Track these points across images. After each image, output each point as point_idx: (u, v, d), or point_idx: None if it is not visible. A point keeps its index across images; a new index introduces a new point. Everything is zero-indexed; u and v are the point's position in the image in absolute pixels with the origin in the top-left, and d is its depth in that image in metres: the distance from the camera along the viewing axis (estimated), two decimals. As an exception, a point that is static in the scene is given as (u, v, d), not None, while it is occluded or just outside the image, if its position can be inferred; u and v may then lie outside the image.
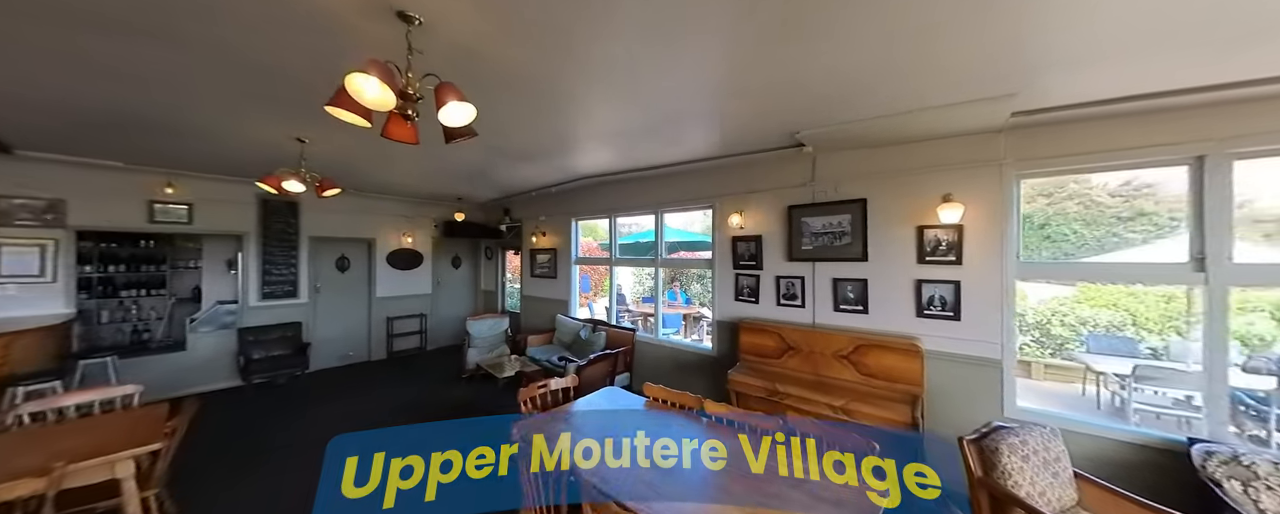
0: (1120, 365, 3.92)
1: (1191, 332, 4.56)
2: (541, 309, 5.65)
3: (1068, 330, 5.47)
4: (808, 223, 3.24)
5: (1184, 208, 2.10)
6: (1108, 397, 4.08)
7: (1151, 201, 6.80)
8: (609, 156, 3.74)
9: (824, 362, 2.81)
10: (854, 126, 2.55)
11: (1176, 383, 3.45)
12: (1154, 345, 4.94)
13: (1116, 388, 3.86)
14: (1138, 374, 3.52)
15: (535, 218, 5.79)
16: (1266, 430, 2.99)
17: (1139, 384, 3.54)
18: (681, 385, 4.19)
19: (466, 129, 1.62)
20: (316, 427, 3.63)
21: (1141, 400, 3.52)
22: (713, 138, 3.04)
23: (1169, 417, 3.52)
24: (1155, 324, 5.13)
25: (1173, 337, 4.90)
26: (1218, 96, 1.90)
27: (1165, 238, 6.03)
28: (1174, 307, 5.03)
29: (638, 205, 4.53)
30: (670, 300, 8.30)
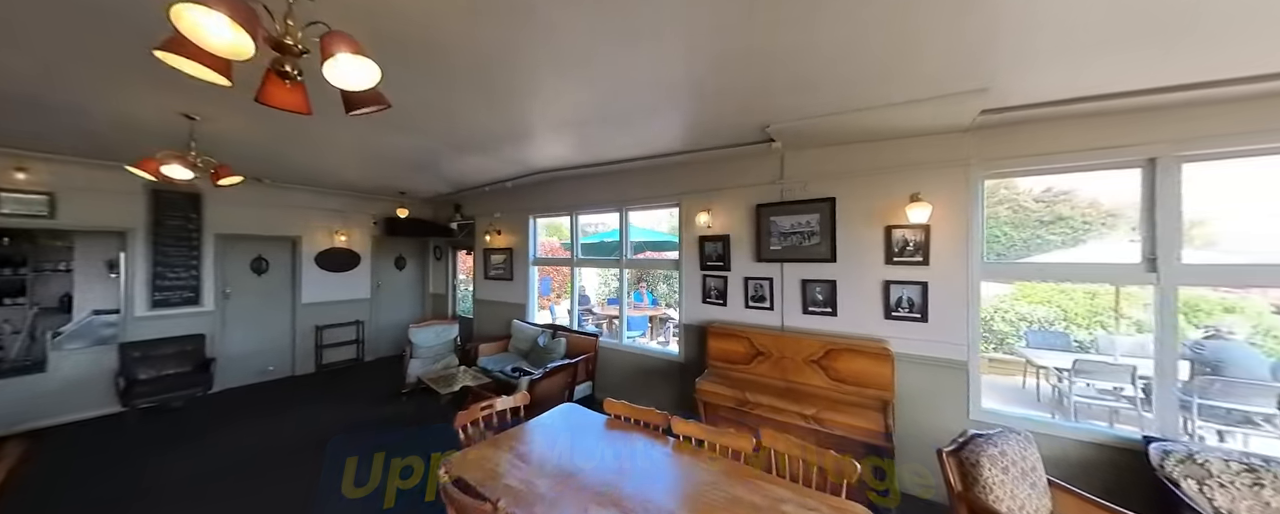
0: (1059, 359, 4.16)
1: (1117, 326, 4.96)
2: (496, 314, 5.22)
3: (1008, 326, 5.83)
4: (776, 222, 3.11)
5: (1096, 212, 2.14)
6: (1047, 389, 4.32)
7: (1068, 206, 7.49)
8: (568, 149, 3.43)
9: (794, 367, 2.68)
10: (825, 121, 2.43)
11: (1109, 375, 3.68)
12: (1081, 339, 5.33)
13: (1056, 381, 4.08)
14: (1076, 368, 3.72)
15: (489, 215, 5.35)
16: (1188, 418, 3.23)
17: (1077, 377, 3.74)
18: (648, 394, 4.02)
19: (372, 95, 1.28)
20: (208, 459, 3.04)
21: (1079, 393, 3.72)
22: (679, 129, 2.83)
23: (1100, 406, 3.76)
24: (1083, 319, 5.56)
25: (1099, 331, 5.32)
26: (1170, 99, 1.94)
27: (1084, 240, 6.63)
28: (1099, 302, 5.49)
29: (600, 202, 4.25)
30: (636, 302, 8.08)
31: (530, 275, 4.93)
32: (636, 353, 3.98)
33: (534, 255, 4.98)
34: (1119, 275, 2.25)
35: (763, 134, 2.79)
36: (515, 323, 4.74)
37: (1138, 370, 3.59)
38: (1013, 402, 4.44)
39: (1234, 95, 1.86)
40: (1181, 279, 2.00)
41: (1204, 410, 3.14)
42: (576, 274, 4.60)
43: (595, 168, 3.91)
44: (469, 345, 4.52)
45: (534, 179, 4.45)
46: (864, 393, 2.43)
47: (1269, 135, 1.86)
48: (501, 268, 5.23)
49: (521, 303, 4.98)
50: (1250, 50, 1.60)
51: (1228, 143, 1.93)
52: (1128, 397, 3.64)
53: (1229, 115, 1.91)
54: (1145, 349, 4.96)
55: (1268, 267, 1.89)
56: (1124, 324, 4.84)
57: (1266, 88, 1.79)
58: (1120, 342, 4.56)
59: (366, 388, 4.71)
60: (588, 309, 7.68)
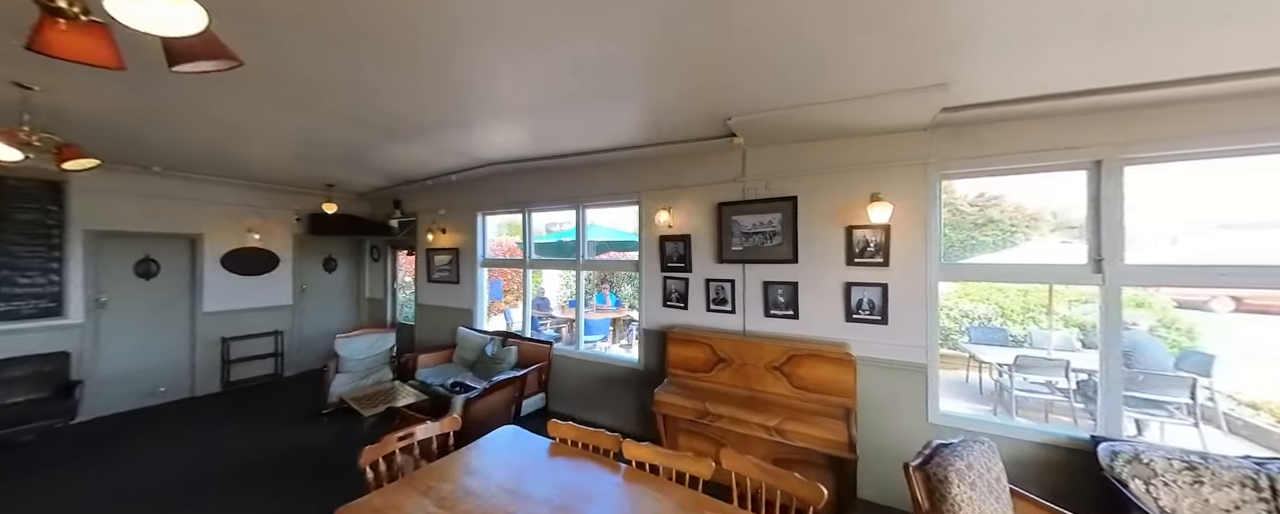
0: (1001, 354, 4.37)
1: (1050, 322, 5.33)
2: (441, 320, 4.76)
3: (953, 323, 6.14)
4: (738, 222, 2.97)
5: (1021, 216, 2.17)
6: (990, 384, 4.53)
7: (998, 210, 8.09)
8: (517, 139, 3.11)
9: (756, 375, 2.53)
10: (786, 115, 2.30)
11: (1045, 370, 3.88)
12: (1016, 335, 5.69)
13: (998, 376, 4.27)
14: (1017, 364, 3.89)
15: (433, 212, 4.86)
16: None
17: (1017, 372, 3.91)
18: (607, 405, 3.76)
19: (205, 46, 0.94)
20: (56, 507, 2.44)
21: (1019, 387, 3.90)
22: (636, 120, 2.60)
23: (1038, 399, 3.96)
24: (1018, 315, 5.94)
25: (1032, 326, 5.70)
26: (1115, 100, 1.96)
27: (1014, 242, 7.15)
28: (1031, 300, 5.90)
29: (556, 199, 3.94)
30: (598, 304, 7.79)
31: (478, 278, 4.52)
32: (594, 361, 3.72)
33: (483, 256, 4.57)
34: (1067, 276, 2.29)
35: (724, 128, 2.62)
36: (461, 330, 4.32)
37: (1071, 364, 3.82)
38: (959, 396, 4.62)
39: (1172, 98, 1.91)
40: (1125, 280, 2.04)
41: (1126, 401, 3.36)
42: (530, 276, 4.25)
43: (549, 161, 3.60)
44: (407, 357, 4.05)
45: (482, 172, 4.06)
46: (827, 400, 2.33)
47: (1204, 139, 1.91)
48: (447, 270, 4.77)
49: (469, 308, 4.55)
50: (1188, 51, 1.60)
51: (1166, 147, 1.97)
52: (1061, 389, 3.86)
53: (1168, 119, 1.96)
54: (1071, 343, 5.38)
55: (1207, 267, 1.95)
56: (1054, 320, 5.21)
57: (1201, 91, 1.83)
58: (1053, 337, 4.89)
59: (282, 408, 4.11)
60: (546, 313, 7.30)
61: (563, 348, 3.93)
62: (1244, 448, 3.54)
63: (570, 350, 3.88)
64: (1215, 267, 1.91)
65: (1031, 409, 4.09)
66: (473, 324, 4.50)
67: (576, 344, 3.88)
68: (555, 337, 6.29)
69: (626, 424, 3.48)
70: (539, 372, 3.69)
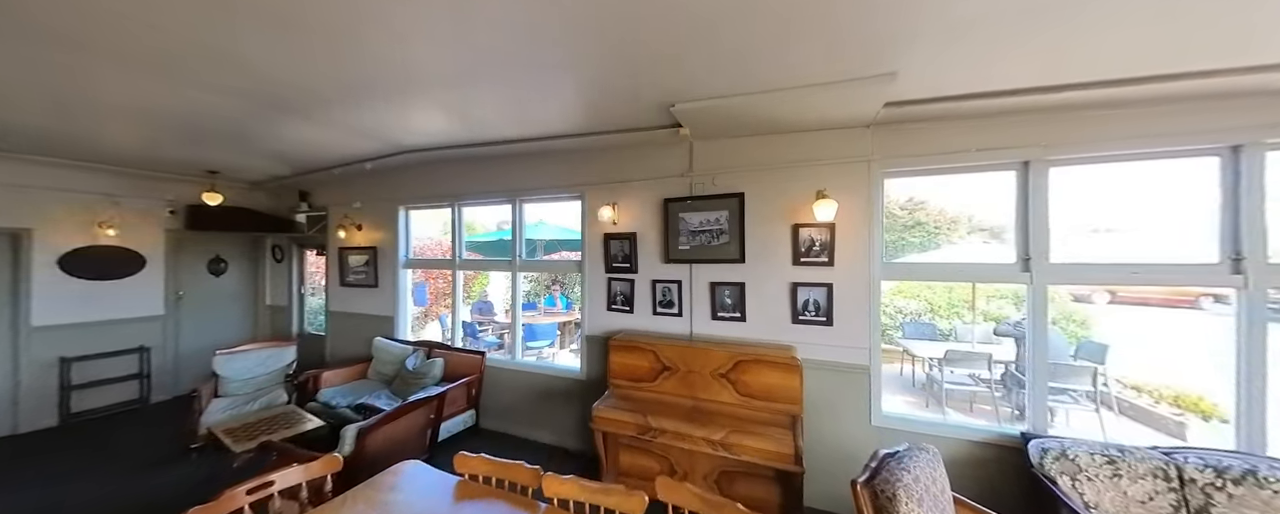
0: (931, 349, 4.60)
1: (973, 317, 5.73)
2: (356, 330, 4.16)
3: (888, 319, 6.48)
4: (685, 219, 2.79)
5: (943, 219, 2.21)
6: (922, 376, 4.75)
7: (924, 213, 8.76)
8: (440, 122, 2.71)
9: (702, 383, 2.35)
10: (732, 104, 2.14)
11: (971, 363, 4.10)
12: (943, 329, 6.09)
13: (929, 369, 4.49)
14: (947, 358, 4.09)
15: (346, 205, 4.25)
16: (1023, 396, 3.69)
17: (947, 366, 4.11)
18: (547, 420, 3.39)
19: None
20: None
21: (950, 380, 4.09)
22: (574, 103, 2.32)
23: (965, 391, 4.20)
24: (944, 311, 6.38)
25: (956, 321, 6.13)
26: (1043, 102, 1.99)
27: (937, 243, 7.73)
28: (955, 296, 6.36)
29: (489, 192, 3.55)
30: (548, 307, 7.37)
31: (400, 281, 3.99)
32: (533, 371, 3.37)
33: (406, 256, 4.05)
34: (999, 274, 2.34)
35: (668, 117, 2.42)
36: (378, 342, 3.78)
37: (993, 357, 4.08)
38: (894, 389, 4.81)
39: (1088, 102, 1.97)
40: (1051, 278, 2.09)
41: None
42: (460, 278, 3.81)
43: (479, 149, 3.21)
44: (307, 375, 3.46)
45: (402, 161, 3.57)
46: (773, 408, 2.19)
47: (1115, 143, 1.99)
48: (363, 271, 4.18)
49: (389, 315, 4.01)
50: (1095, 52, 1.63)
51: (1085, 149, 2.04)
52: (984, 380, 4.11)
53: (1085, 123, 2.03)
54: (989, 336, 5.84)
55: (1123, 266, 2.04)
56: (975, 315, 5.64)
57: (1111, 95, 1.89)
58: (976, 330, 5.27)
59: (143, 443, 3.36)
60: (489, 317, 6.76)
61: (497, 358, 3.55)
62: (1133, 427, 3.96)
63: (505, 360, 3.50)
64: (1130, 265, 2.00)
65: (958, 400, 4.33)
66: (393, 333, 3.96)
67: (512, 353, 3.51)
68: (496, 343, 5.82)
69: (568, 440, 3.18)
70: (468, 386, 3.29)
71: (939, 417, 2.46)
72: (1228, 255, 1.87)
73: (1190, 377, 4.35)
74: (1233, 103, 1.83)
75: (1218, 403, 3.86)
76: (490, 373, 3.46)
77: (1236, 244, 1.85)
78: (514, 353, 3.50)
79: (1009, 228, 2.25)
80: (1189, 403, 3.94)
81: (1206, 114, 1.87)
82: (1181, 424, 3.74)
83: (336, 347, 4.38)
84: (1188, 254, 1.99)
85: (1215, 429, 3.78)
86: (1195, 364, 5.14)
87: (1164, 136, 1.93)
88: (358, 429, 2.00)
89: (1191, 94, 1.84)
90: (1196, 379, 4.27)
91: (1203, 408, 3.85)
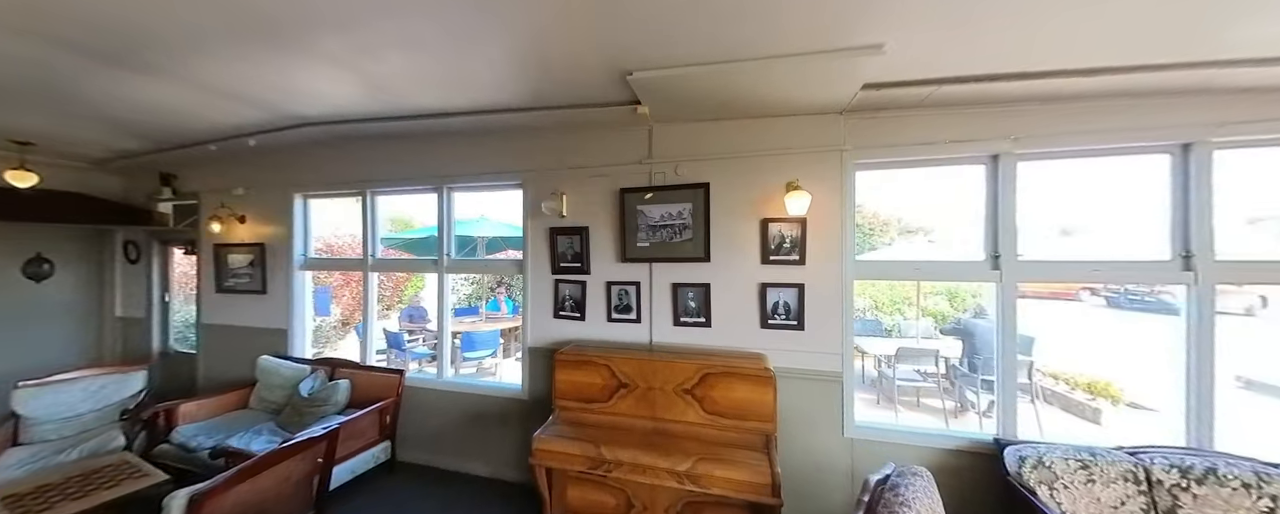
0: (882, 345, 4.68)
1: (918, 313, 5.99)
2: (240, 347, 3.35)
3: (839, 317, 6.64)
4: (644, 212, 2.45)
5: (877, 221, 2.13)
6: (873, 373, 4.82)
7: (861, 216, 9.26)
8: (342, 85, 2.15)
9: (664, 401, 2.02)
10: (696, 78, 1.84)
11: (920, 359, 4.19)
12: (887, 325, 6.33)
13: (881, 366, 4.55)
14: (899, 355, 4.14)
15: (225, 191, 3.42)
16: (975, 391, 3.81)
17: (899, 363, 4.17)
18: (481, 449, 2.70)
19: None
20: None
21: (902, 377, 4.15)
22: (511, 64, 1.89)
23: (914, 387, 4.28)
24: (888, 307, 6.66)
25: (899, 317, 6.41)
26: (1014, 91, 1.90)
27: (873, 244, 8.14)
28: (896, 293, 6.66)
29: (410, 177, 2.97)
30: (492, 311, 6.71)
31: (295, 285, 3.26)
32: (464, 391, 2.85)
33: (304, 255, 3.32)
34: (968, 272, 2.26)
35: (625, 91, 2.07)
36: (265, 361, 3.04)
37: (940, 352, 4.19)
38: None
39: (1058, 93, 1.92)
40: (1021, 275, 2.02)
41: (987, 385, 3.73)
42: (373, 281, 3.18)
43: (396, 124, 2.64)
44: (155, 409, 2.66)
45: (298, 136, 2.88)
46: (744, 426, 1.92)
47: (1082, 137, 1.96)
48: (247, 274, 3.38)
49: (280, 328, 3.26)
50: (1070, 35, 1.54)
51: (1052, 143, 2.00)
52: (931, 374, 4.22)
53: (1054, 115, 1.99)
54: (930, 331, 6.15)
55: (1085, 263, 2.01)
56: (917, 311, 5.91)
57: (1080, 87, 1.85)
58: (918, 326, 5.50)
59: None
60: (422, 325, 5.98)
61: (422, 376, 2.97)
62: (1055, 414, 4.26)
63: (429, 380, 2.94)
64: (1091, 262, 1.98)
65: (906, 394, 4.43)
66: (287, 350, 3.22)
67: (440, 370, 2.95)
68: (429, 355, 5.12)
69: (506, 471, 2.71)
70: (380, 413, 2.70)
71: (911, 424, 2.34)
72: (1178, 253, 1.88)
73: (1095, 363, 4.81)
74: (1184, 100, 1.85)
75: (1124, 388, 4.27)
76: (412, 394, 2.88)
77: (1186, 242, 1.86)
78: (442, 369, 2.95)
79: (936, 228, 2.17)
80: (1099, 388, 4.32)
81: (1160, 111, 1.88)
82: (1097, 410, 4.08)
83: (212, 368, 3.51)
84: (1142, 252, 2.00)
85: (1122, 413, 4.17)
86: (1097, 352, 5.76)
87: (1122, 132, 1.92)
88: (190, 496, 1.42)
89: (1149, 89, 1.83)
90: (1101, 366, 4.72)
91: (1112, 393, 4.23)
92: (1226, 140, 1.82)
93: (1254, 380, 4.39)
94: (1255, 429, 2.23)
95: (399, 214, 11.26)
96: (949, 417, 4.07)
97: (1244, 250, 1.91)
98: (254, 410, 2.97)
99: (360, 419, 2.54)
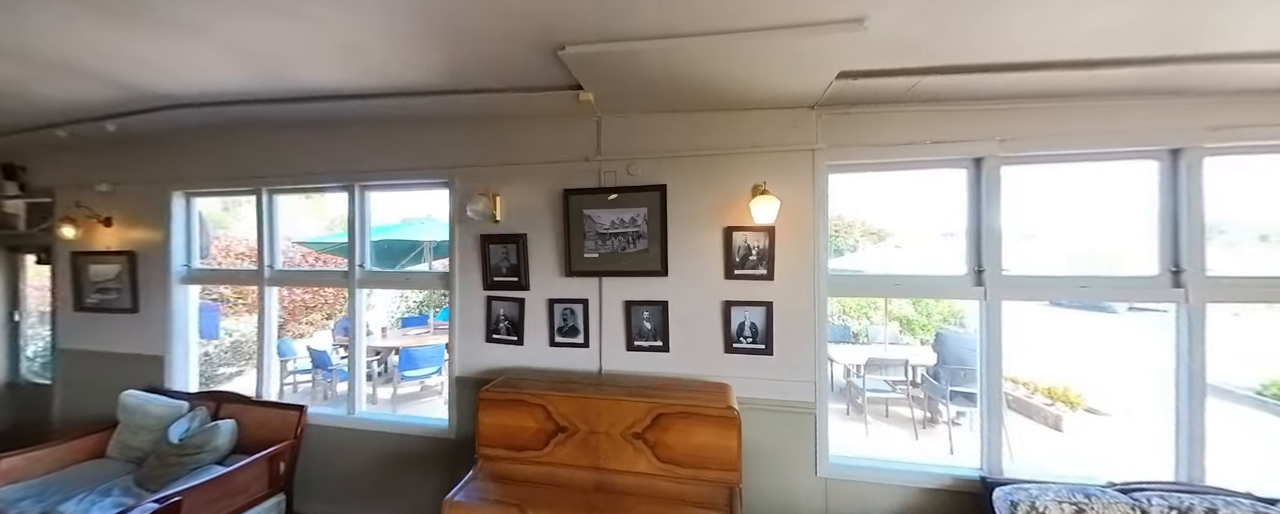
0: (851, 353, 4.54)
1: (885, 318, 5.94)
2: (107, 378, 2.74)
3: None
4: (593, 217, 2.11)
5: (840, 224, 1.92)
6: (842, 382, 4.69)
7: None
8: (203, 53, 1.68)
9: (610, 448, 1.68)
10: (644, 54, 1.51)
11: (890, 370, 4.07)
12: (855, 330, 6.28)
13: (849, 376, 4.40)
14: (869, 365, 4.00)
15: (86, 187, 2.79)
16: (946, 404, 3.69)
17: (868, 373, 4.03)
18: (401, 497, 2.26)
19: None
20: None
21: (872, 388, 4.00)
22: (417, 32, 1.49)
23: (883, 398, 4.15)
24: (853, 312, 6.62)
25: (865, 321, 6.38)
26: (1003, 85, 1.69)
27: (843, 248, 8.15)
28: (862, 298, 6.63)
29: (314, 173, 2.49)
30: (442, 321, 6.14)
31: (174, 302, 2.69)
32: (379, 430, 2.40)
33: (187, 265, 2.75)
34: (948, 289, 2.04)
35: (563, 72, 1.71)
36: (127, 398, 2.47)
37: (910, 362, 4.08)
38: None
39: (1046, 90, 1.73)
40: (1007, 292, 1.82)
41: (956, 396, 3.64)
42: (271, 296, 2.66)
43: (290, 107, 2.17)
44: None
45: (170, 121, 2.35)
46: (703, 478, 1.61)
47: (1070, 139, 1.78)
48: (114, 289, 2.77)
49: (157, 354, 2.69)
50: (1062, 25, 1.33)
51: (1040, 145, 1.82)
52: (900, 383, 4.11)
53: (1041, 115, 1.80)
54: (897, 337, 6.13)
55: (1075, 278, 1.83)
56: (885, 317, 5.88)
57: (1070, 82, 1.66)
58: (884, 332, 5.44)
59: None
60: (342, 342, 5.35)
61: (326, 412, 2.49)
62: (1016, 419, 4.26)
63: (336, 415, 2.46)
64: (1078, 277, 1.80)
65: (875, 404, 4.31)
66: (164, 382, 2.65)
67: (351, 403, 2.48)
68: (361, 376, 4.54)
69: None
70: (271, 461, 2.22)
71: (890, 458, 2.11)
72: (1167, 268, 1.73)
73: (1051, 367, 4.88)
74: (1175, 101, 1.69)
75: (1082, 394, 4.31)
76: (317, 435, 2.41)
77: (1176, 256, 1.71)
78: (353, 403, 2.48)
79: (899, 231, 1.96)
80: (1058, 394, 4.35)
81: (1150, 112, 1.72)
82: (1058, 417, 4.09)
83: (73, 404, 2.87)
84: (1127, 267, 1.84)
85: (1081, 417, 4.21)
86: (1049, 353, 5.91)
87: (1112, 134, 1.75)
88: None
89: (1142, 87, 1.66)
90: (1057, 369, 4.79)
91: (1070, 398, 4.27)
92: (1217, 147, 1.69)
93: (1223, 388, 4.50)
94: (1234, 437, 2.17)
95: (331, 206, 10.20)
96: (918, 427, 3.97)
97: (1239, 265, 1.78)
98: (113, 460, 2.40)
99: (240, 472, 2.05)
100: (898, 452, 3.58)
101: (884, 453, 3.43)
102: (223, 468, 2.12)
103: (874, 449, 3.61)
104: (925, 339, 6.15)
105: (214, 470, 2.13)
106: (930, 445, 3.75)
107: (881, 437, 3.90)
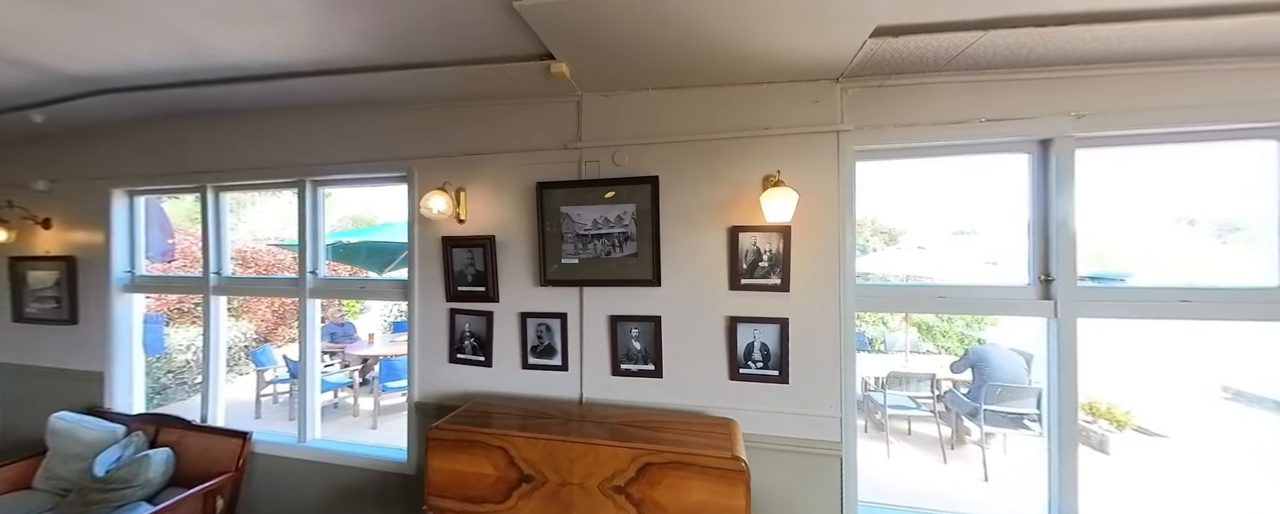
0: (868, 362, 4.16)
1: (904, 325, 5.52)
2: (45, 397, 2.48)
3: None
4: (572, 216, 1.78)
5: None
6: (859, 394, 4.31)
7: None
8: (112, 27, 1.38)
9: (587, 504, 1.35)
10: (620, 4, 1.17)
11: (913, 385, 3.68)
12: (871, 335, 5.87)
13: (867, 389, 4.02)
14: (890, 379, 3.62)
15: (19, 185, 2.53)
16: (977, 424, 3.30)
17: (890, 388, 3.65)
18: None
19: None
20: None
21: (893, 404, 3.61)
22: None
23: (906, 415, 3.77)
24: (869, 317, 6.19)
25: (882, 327, 5.96)
26: (1088, 44, 1.33)
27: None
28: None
29: (260, 166, 2.19)
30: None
31: (115, 313, 2.41)
32: (331, 462, 2.09)
33: (130, 271, 2.47)
34: (1006, 303, 1.65)
35: (528, 36, 1.38)
36: (57, 422, 2.20)
37: (936, 376, 3.69)
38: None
39: (1145, 52, 1.35)
40: (1085, 307, 1.45)
41: (988, 416, 3.25)
42: (218, 307, 2.37)
43: (224, 89, 1.88)
44: None
45: (102, 110, 2.09)
46: (704, 543, 1.27)
47: (1172, 113, 1.41)
48: (50, 297, 2.51)
49: (96, 370, 2.42)
50: None
51: (1131, 123, 1.44)
52: (924, 399, 3.72)
53: (1130, 85, 1.43)
54: (917, 344, 5.70)
55: (1164, 290, 1.45)
56: (897, 321, 5.46)
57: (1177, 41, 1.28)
58: (904, 338, 5.04)
59: None
60: (344, 347, 5.10)
61: (273, 439, 2.19)
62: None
63: (286, 444, 2.16)
64: (1172, 288, 1.42)
65: (900, 423, 3.93)
66: (104, 402, 2.38)
67: (302, 431, 2.18)
68: (344, 383, 4.29)
69: (386, 571, 1.98)
70: (207, 497, 1.92)
71: (933, 508, 1.74)
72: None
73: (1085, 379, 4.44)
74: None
75: (1129, 410, 3.89)
76: (263, 465, 2.12)
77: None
78: (304, 430, 2.17)
79: (911, 229, 1.59)
80: (1100, 410, 3.93)
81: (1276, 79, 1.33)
82: (1103, 437, 3.67)
83: (11, 423, 2.62)
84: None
85: (1131, 438, 3.78)
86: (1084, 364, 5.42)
87: (1227, 108, 1.37)
88: None
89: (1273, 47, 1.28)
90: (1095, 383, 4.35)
91: (1116, 416, 3.84)
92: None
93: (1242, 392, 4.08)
94: None
95: (362, 212, 9.86)
96: (945, 448, 3.59)
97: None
98: (38, 492, 2.13)
99: (168, 512, 1.76)
100: (930, 481, 3.20)
101: (918, 486, 3.06)
102: (150, 507, 1.84)
103: (901, 477, 3.23)
104: (946, 346, 5.73)
105: (140, 510, 1.85)
106: (962, 470, 3.37)
107: (905, 459, 3.52)
